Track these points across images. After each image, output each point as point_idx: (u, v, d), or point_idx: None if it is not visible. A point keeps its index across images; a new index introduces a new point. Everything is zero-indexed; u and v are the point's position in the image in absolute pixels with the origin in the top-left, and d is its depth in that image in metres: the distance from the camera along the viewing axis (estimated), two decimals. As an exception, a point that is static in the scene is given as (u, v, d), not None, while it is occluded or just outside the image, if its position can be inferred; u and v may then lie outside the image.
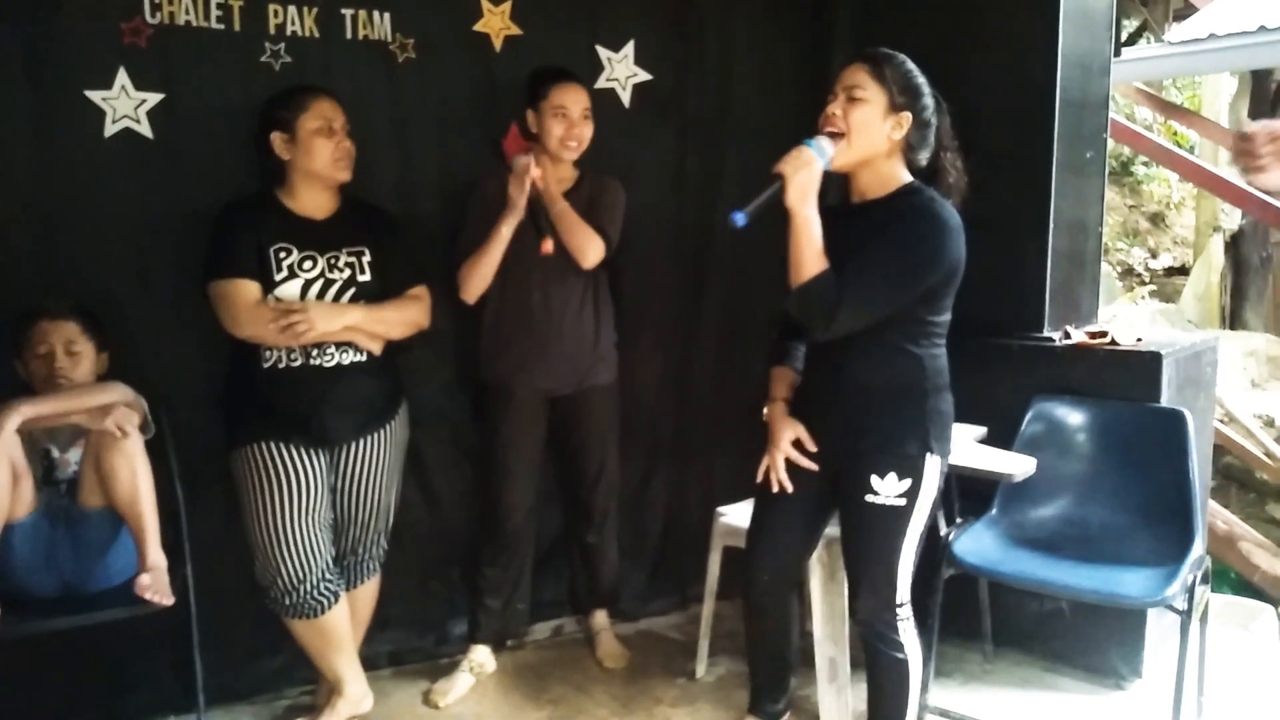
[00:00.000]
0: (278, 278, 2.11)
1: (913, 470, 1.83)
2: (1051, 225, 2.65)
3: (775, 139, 1.99)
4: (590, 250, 2.40)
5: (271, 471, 2.12)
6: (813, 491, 1.96)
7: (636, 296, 2.56)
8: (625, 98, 2.86)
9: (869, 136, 1.79)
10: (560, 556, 2.87)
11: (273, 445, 2.12)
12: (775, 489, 1.96)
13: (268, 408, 2.14)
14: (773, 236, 1.83)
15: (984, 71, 2.74)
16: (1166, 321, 5.18)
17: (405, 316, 2.27)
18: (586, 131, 2.44)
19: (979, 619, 2.64)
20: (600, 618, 2.81)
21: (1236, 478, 4.12)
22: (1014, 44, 2.68)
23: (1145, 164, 7.78)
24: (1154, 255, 7.27)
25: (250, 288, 2.09)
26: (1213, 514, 3.77)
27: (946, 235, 1.76)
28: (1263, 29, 4.81)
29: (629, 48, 2.84)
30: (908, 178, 1.85)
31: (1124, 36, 9.73)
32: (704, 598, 2.60)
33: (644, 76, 2.87)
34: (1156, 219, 8.35)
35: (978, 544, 2.29)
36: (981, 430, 2.49)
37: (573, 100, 2.40)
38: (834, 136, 1.80)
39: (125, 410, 2.01)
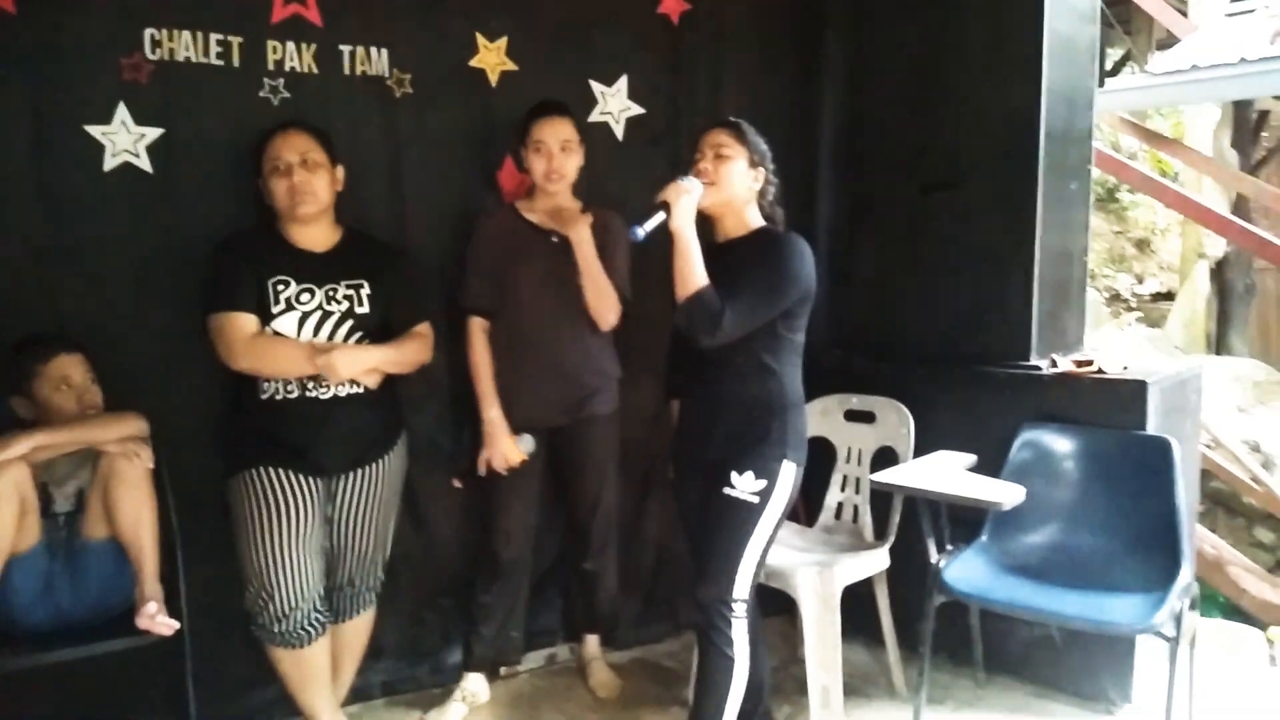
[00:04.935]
0: (275, 310, 2.13)
1: (768, 473, 2.08)
2: (1037, 255, 2.69)
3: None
4: (609, 315, 2.50)
5: (268, 497, 2.13)
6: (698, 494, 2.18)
7: (631, 326, 2.59)
8: (619, 131, 2.91)
9: (735, 185, 2.10)
10: (556, 583, 2.88)
11: (269, 471, 2.14)
12: None
13: (265, 437, 2.15)
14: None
15: (969, 104, 2.81)
16: (1153, 347, 5.23)
17: (412, 356, 2.30)
18: (568, 163, 2.47)
19: (970, 646, 2.66)
20: (592, 646, 2.82)
21: (1224, 502, 4.15)
22: (998, 77, 2.74)
23: (1131, 190, 7.88)
24: (1140, 281, 7.35)
25: (248, 321, 2.11)
26: (1201, 539, 3.81)
27: (803, 259, 2.07)
28: (1243, 61, 4.90)
29: (622, 81, 2.90)
30: (762, 221, 2.16)
31: (1109, 66, 9.90)
32: (691, 625, 2.61)
33: (637, 109, 2.92)
34: (1143, 245, 8.44)
35: (968, 571, 2.31)
36: (971, 458, 2.52)
37: (550, 134, 2.44)
38: (707, 186, 2.08)
39: (141, 441, 2.04)
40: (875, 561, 2.55)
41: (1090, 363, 2.63)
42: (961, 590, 2.23)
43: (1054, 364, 2.68)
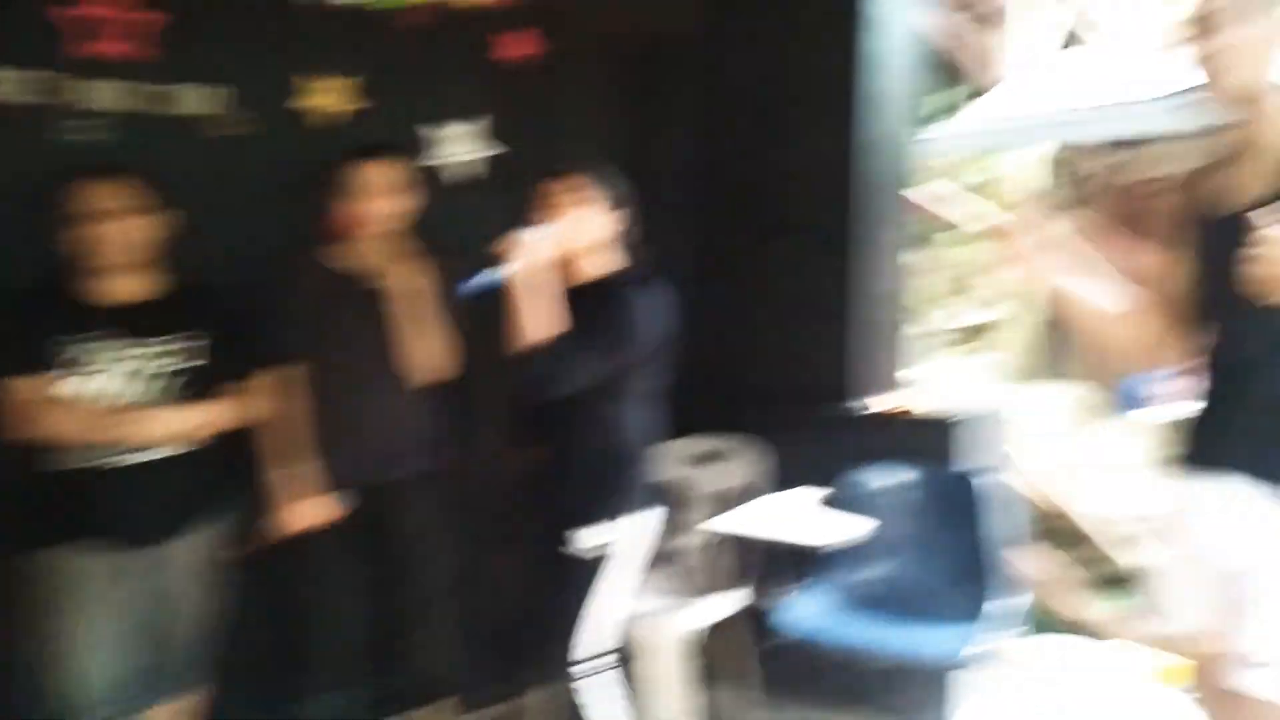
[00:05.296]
0: (74, 371, 1.97)
1: (619, 524, 2.05)
2: (857, 299, 2.84)
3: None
4: (438, 366, 2.42)
5: (61, 580, 1.96)
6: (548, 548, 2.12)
7: (468, 376, 2.53)
8: (458, 174, 2.88)
9: (587, 231, 2.08)
10: (387, 653, 2.75)
11: (61, 553, 1.96)
12: None
13: (58, 511, 1.98)
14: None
15: (799, 153, 2.93)
16: (988, 376, 5.55)
17: (242, 411, 2.16)
18: (392, 207, 2.38)
19: (817, 680, 2.71)
20: (439, 712, 2.71)
21: (1049, 524, 4.42)
22: (817, 128, 2.89)
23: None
24: (976, 310, 7.77)
25: (38, 384, 1.94)
26: (1031, 560, 4.03)
27: (654, 309, 2.05)
28: (1056, 111, 5.30)
29: (461, 124, 2.87)
30: (616, 266, 2.14)
31: (942, 105, 10.53)
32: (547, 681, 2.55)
33: (478, 153, 2.90)
34: (980, 275, 8.95)
35: (801, 611, 2.37)
36: (820, 493, 2.59)
37: (371, 178, 2.35)
38: (564, 228, 2.05)
39: None
40: (728, 604, 2.59)
41: (905, 403, 2.77)
42: (791, 631, 2.29)
43: (871, 405, 2.81)
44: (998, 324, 6.69)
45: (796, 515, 2.45)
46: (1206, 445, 1.61)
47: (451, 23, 2.83)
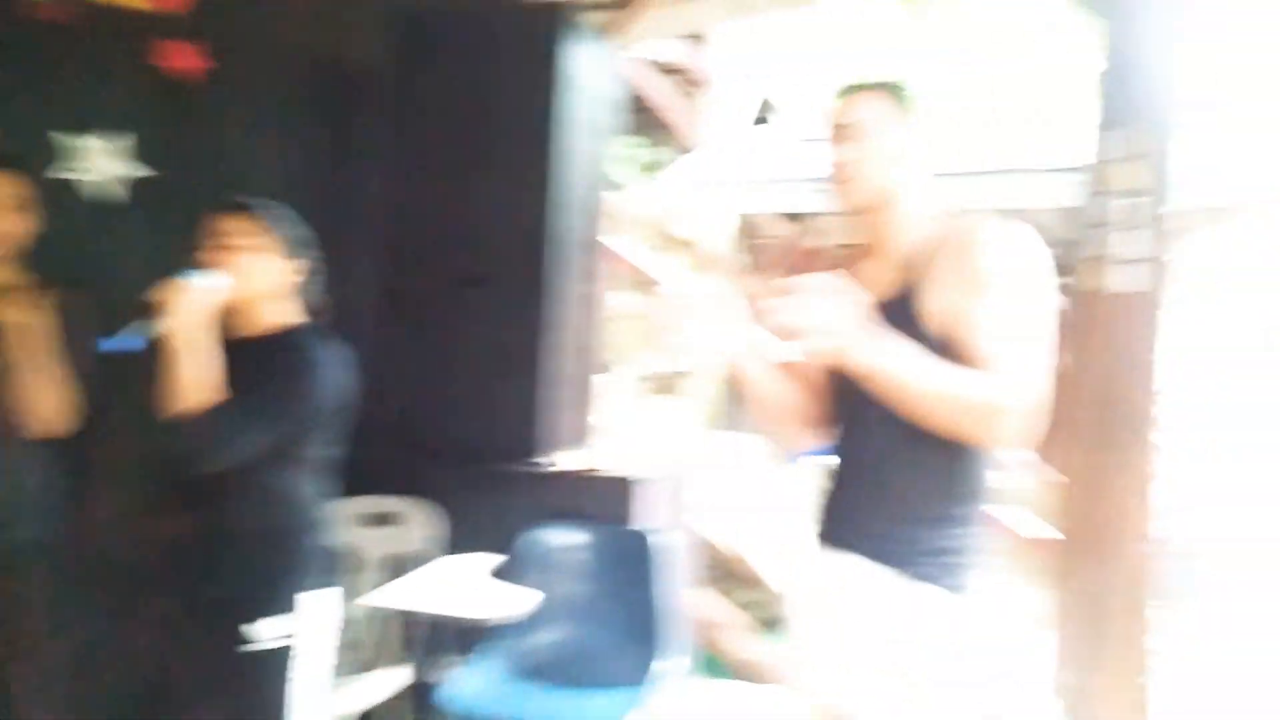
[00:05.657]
0: None
1: (290, 612, 1.81)
2: (547, 353, 2.82)
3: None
4: (51, 419, 2.06)
5: None
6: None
7: (97, 432, 2.18)
8: (100, 194, 2.52)
9: (260, 279, 1.84)
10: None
11: None
12: None
13: None
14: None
15: (495, 205, 2.87)
16: (678, 425, 5.80)
17: None
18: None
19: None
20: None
21: (724, 568, 4.65)
22: (513, 185, 2.84)
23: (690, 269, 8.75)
24: (671, 360, 8.13)
25: None
26: (700, 605, 4.20)
27: (328, 371, 1.82)
28: (743, 179, 5.74)
29: (110, 138, 2.52)
30: (297, 317, 1.90)
31: (645, 162, 11.09)
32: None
33: (128, 171, 2.56)
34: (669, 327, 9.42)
35: (466, 685, 2.26)
36: (500, 559, 2.49)
37: None
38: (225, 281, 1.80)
39: None
40: (392, 681, 2.41)
41: (590, 460, 2.79)
42: (456, 707, 2.17)
43: (558, 462, 2.80)
44: (686, 374, 7.07)
45: (465, 585, 2.34)
46: (830, 524, 1.69)
47: (101, 22, 2.49)
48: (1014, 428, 1.43)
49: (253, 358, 1.79)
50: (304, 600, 1.81)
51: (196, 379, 1.71)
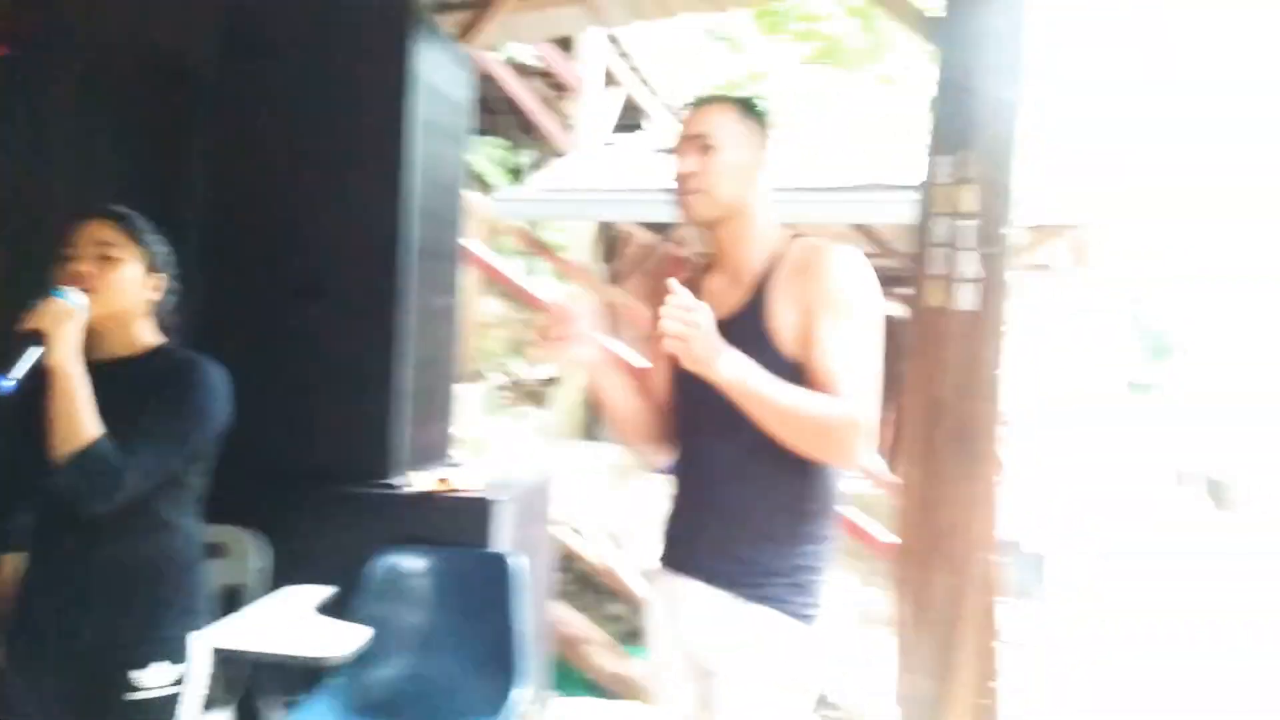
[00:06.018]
0: None
1: (179, 654, 1.69)
2: (400, 370, 2.67)
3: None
4: None
5: None
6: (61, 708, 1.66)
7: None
8: None
9: (127, 296, 1.70)
10: None
11: None
12: None
13: None
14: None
15: (338, 213, 2.71)
16: (537, 436, 5.71)
17: None
18: None
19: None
20: None
21: (586, 582, 4.60)
22: (364, 195, 2.68)
23: (553, 275, 8.63)
24: (535, 367, 8.04)
25: None
26: (564, 621, 4.14)
27: (218, 391, 1.73)
28: (611, 189, 5.72)
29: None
30: (157, 338, 1.78)
31: (512, 168, 10.93)
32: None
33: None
34: (533, 336, 9.33)
35: (309, 725, 2.12)
36: (328, 591, 2.34)
37: None
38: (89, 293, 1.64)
39: None
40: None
41: (446, 480, 2.66)
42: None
43: (414, 482, 2.66)
44: (551, 383, 6.99)
45: (297, 620, 2.19)
46: (671, 546, 1.69)
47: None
48: (856, 444, 1.46)
49: (125, 381, 1.66)
50: (193, 642, 1.70)
51: (83, 411, 1.56)
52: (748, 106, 1.63)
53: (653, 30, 8.63)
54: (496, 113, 8.21)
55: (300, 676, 2.21)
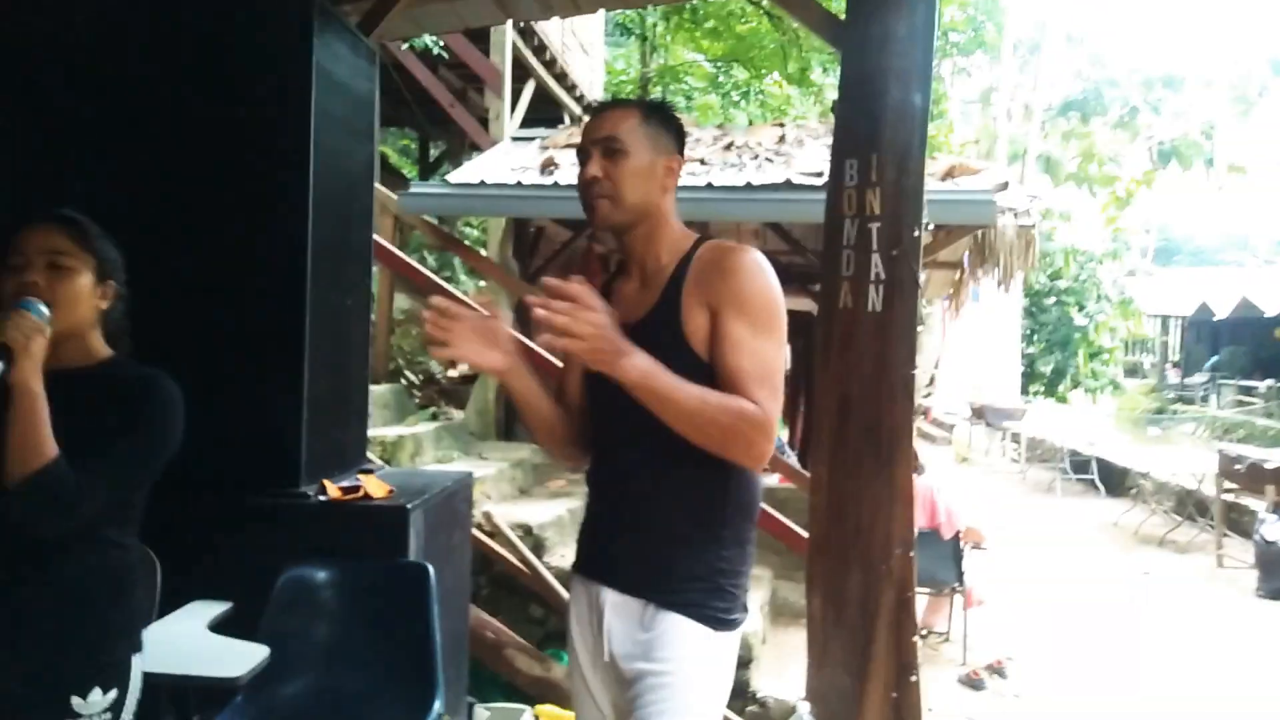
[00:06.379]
0: None
1: (121, 678, 1.65)
2: (307, 374, 2.58)
3: None
4: None
5: None
6: None
7: None
8: None
9: (81, 307, 1.65)
10: None
11: None
12: None
13: None
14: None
15: (236, 215, 2.59)
16: (450, 438, 5.62)
17: None
18: None
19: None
20: None
21: (505, 584, 4.54)
22: (265, 191, 2.58)
23: (470, 273, 8.50)
24: (452, 365, 7.92)
25: None
26: (484, 625, 4.08)
27: (176, 408, 1.68)
28: (520, 184, 5.64)
29: None
30: (107, 348, 1.72)
31: (433, 158, 10.76)
32: None
33: None
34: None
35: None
36: (222, 607, 2.25)
37: None
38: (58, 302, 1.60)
39: None
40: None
41: (358, 488, 2.59)
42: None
43: (323, 490, 2.58)
44: (467, 382, 6.88)
45: (200, 637, 2.10)
46: (586, 554, 1.69)
47: None
48: (762, 442, 1.47)
49: (79, 394, 1.59)
50: (127, 666, 1.66)
51: (42, 432, 1.50)
52: (653, 109, 1.62)
53: (565, 24, 8.59)
54: (407, 104, 8.05)
55: (200, 698, 2.11)
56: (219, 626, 2.19)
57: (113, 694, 1.61)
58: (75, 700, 1.57)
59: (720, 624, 1.54)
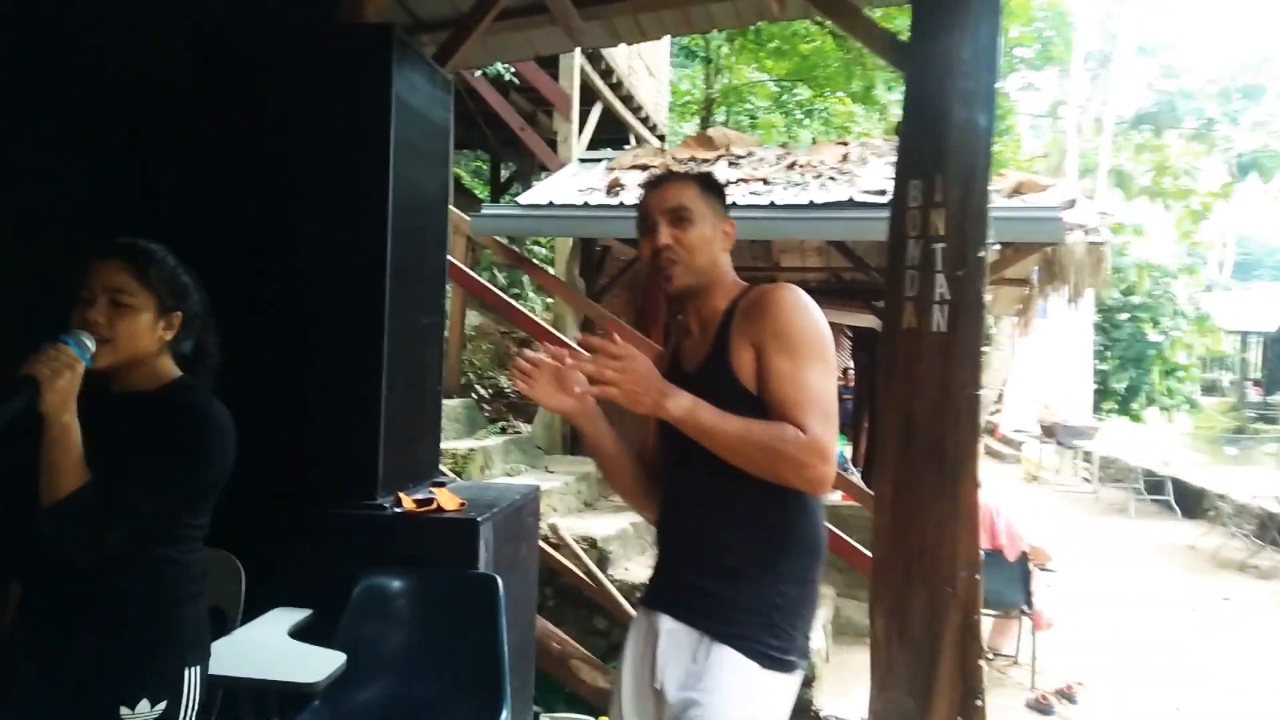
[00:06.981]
0: None
1: (172, 689, 1.67)
2: (385, 392, 2.68)
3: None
4: None
5: None
6: None
7: None
8: None
9: (140, 343, 1.69)
10: None
11: None
12: None
13: None
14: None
15: (316, 240, 2.71)
16: (519, 451, 5.72)
17: None
18: None
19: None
20: None
21: (570, 596, 4.61)
22: (349, 220, 2.69)
23: (535, 289, 8.65)
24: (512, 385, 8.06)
25: None
26: (549, 635, 4.15)
27: (222, 438, 1.70)
28: (586, 205, 5.75)
29: None
30: (175, 371, 1.77)
31: (506, 176, 10.97)
32: None
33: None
34: (527, 343, 9.32)
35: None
36: (303, 614, 2.35)
37: None
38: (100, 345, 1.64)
39: None
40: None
41: (431, 501, 2.68)
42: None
43: (398, 502, 2.68)
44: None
45: (279, 643, 2.19)
46: (651, 583, 1.77)
47: None
48: (816, 465, 1.51)
49: (135, 418, 1.65)
50: (180, 678, 1.68)
51: (68, 461, 1.55)
52: (706, 180, 1.76)
53: (631, 48, 8.71)
54: (479, 128, 8.25)
55: (279, 701, 2.21)
56: (299, 633, 2.29)
57: (162, 705, 1.65)
58: (124, 711, 1.61)
59: (771, 662, 1.57)
